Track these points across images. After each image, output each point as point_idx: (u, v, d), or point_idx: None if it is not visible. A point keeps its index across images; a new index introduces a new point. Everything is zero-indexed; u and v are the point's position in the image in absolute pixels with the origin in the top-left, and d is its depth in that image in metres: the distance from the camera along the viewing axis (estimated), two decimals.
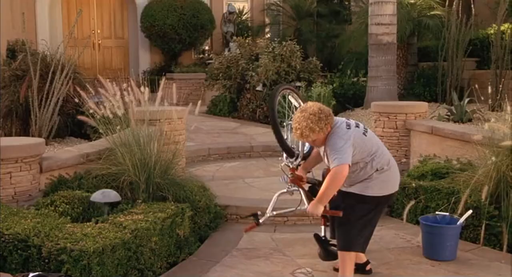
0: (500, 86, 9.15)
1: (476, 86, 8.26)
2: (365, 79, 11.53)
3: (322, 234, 4.34)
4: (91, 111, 5.32)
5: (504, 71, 9.55)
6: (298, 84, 11.06)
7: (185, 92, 11.91)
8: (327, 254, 4.28)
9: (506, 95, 8.21)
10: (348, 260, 4.04)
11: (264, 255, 4.83)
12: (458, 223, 4.71)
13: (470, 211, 4.75)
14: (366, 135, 4.04)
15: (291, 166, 4.52)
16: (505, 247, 4.72)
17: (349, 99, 11.56)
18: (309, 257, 4.74)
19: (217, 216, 5.58)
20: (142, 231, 4.23)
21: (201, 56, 16.28)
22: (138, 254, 4.20)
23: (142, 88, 5.43)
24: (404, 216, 5.34)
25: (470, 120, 8.63)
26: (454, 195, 5.15)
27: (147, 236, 4.28)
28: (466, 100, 9.11)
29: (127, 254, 4.09)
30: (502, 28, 10.16)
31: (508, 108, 5.18)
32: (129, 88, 5.40)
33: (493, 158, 4.91)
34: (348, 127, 3.97)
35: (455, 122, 8.62)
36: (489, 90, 7.30)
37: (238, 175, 7.46)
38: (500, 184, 4.91)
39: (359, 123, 4.14)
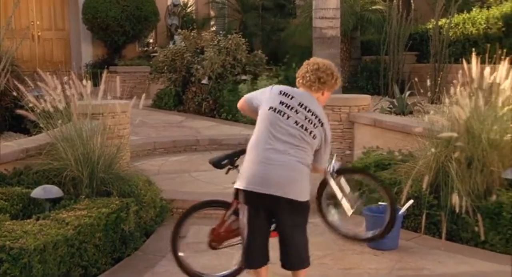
0: (439, 79, 9.44)
1: (416, 79, 8.48)
2: None
3: None
4: (30, 105, 5.15)
5: (442, 65, 9.87)
6: (243, 77, 11.08)
7: (129, 86, 11.78)
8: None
9: (444, 88, 8.46)
10: None
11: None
12: (400, 213, 4.83)
13: (411, 201, 4.88)
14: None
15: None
16: (444, 235, 4.87)
17: None
18: None
19: (163, 210, 5.53)
20: (86, 227, 4.15)
21: (145, 49, 16.04)
22: (82, 251, 4.12)
23: (84, 82, 5.31)
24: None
25: (411, 113, 8.88)
26: (396, 185, 5.28)
27: (90, 232, 4.20)
28: (407, 93, 9.37)
29: (70, 251, 4.00)
30: (440, 23, 10.49)
31: (446, 100, 5.34)
32: (71, 82, 5.26)
33: (433, 149, 5.07)
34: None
35: (397, 114, 8.85)
36: (428, 83, 7.48)
37: (184, 168, 7.41)
38: (439, 174, 5.07)
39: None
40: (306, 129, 3.47)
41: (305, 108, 3.51)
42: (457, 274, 4.26)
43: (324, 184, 4.13)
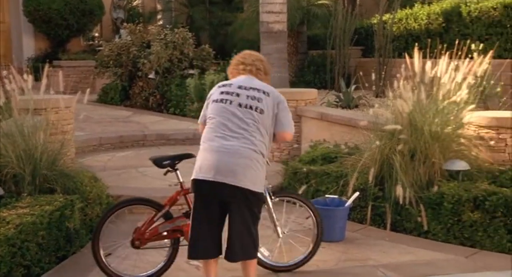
0: (383, 73, 9.62)
1: (362, 73, 8.61)
2: None
3: None
4: None
5: (386, 59, 10.07)
6: (191, 71, 11.01)
7: (73, 80, 11.47)
8: None
9: (388, 82, 8.64)
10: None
11: (159, 245, 4.76)
12: (346, 205, 4.92)
13: (357, 193, 4.97)
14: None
15: None
16: (388, 226, 5.00)
17: None
18: None
19: (109, 207, 5.43)
20: (28, 226, 4.03)
21: (90, 43, 15.72)
22: (24, 250, 4.00)
23: (25, 76, 5.14)
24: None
25: (357, 106, 9.03)
26: (343, 178, 5.37)
27: (33, 231, 4.08)
28: (353, 87, 9.52)
29: (11, 251, 3.87)
30: (384, 18, 10.69)
31: (390, 94, 5.46)
32: (11, 76, 5.09)
33: (377, 142, 5.17)
34: None
35: (343, 108, 8.97)
36: (373, 77, 7.65)
37: (131, 164, 7.30)
38: (383, 166, 5.18)
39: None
40: (251, 107, 3.47)
41: (245, 88, 3.55)
42: (401, 264, 4.36)
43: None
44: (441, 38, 9.49)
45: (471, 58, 6.26)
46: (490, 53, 6.12)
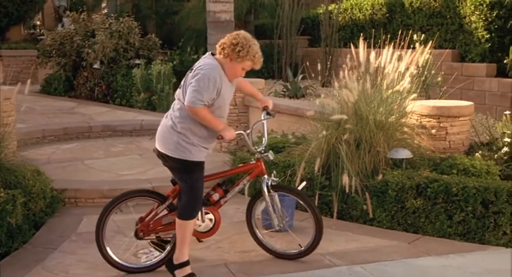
0: (329, 63, 9.73)
1: (308, 63, 8.69)
2: None
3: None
4: None
5: (332, 49, 10.18)
6: (137, 61, 10.84)
7: (14, 70, 11.13)
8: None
9: (334, 71, 8.77)
10: (192, 227, 3.91)
11: (106, 238, 4.69)
12: None
13: (304, 183, 4.99)
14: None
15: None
16: (335, 214, 5.07)
17: None
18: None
19: (54, 201, 5.32)
20: None
21: (31, 31, 15.25)
22: None
23: None
24: (246, 191, 5.49)
25: (304, 96, 9.11)
26: (290, 168, 5.41)
27: None
28: (300, 76, 9.59)
29: None
30: (330, 8, 10.79)
31: (336, 84, 5.52)
32: None
33: (324, 132, 5.23)
34: None
35: (290, 97, 9.05)
36: (319, 67, 7.72)
37: (76, 156, 7.15)
38: (330, 155, 5.24)
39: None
40: (180, 87, 3.85)
41: (191, 69, 3.81)
42: (347, 251, 4.45)
43: (257, 197, 4.35)
44: (385, 28, 9.67)
45: (414, 48, 6.41)
46: (431, 44, 6.28)
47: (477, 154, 5.46)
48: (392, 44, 5.66)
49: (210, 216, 4.12)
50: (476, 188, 4.57)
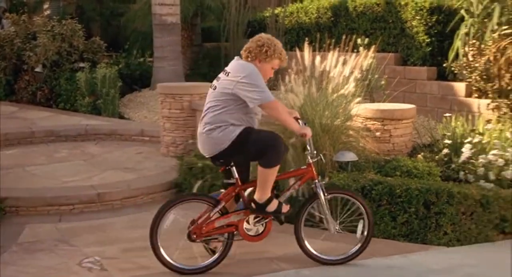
0: None
1: None
2: (151, 59, 11.49)
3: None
4: None
5: None
6: (81, 65, 10.61)
7: None
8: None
9: (281, 75, 8.81)
10: (276, 171, 3.98)
11: (49, 248, 4.59)
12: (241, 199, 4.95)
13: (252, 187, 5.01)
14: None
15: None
16: (283, 218, 5.08)
17: (136, 80, 11.42)
18: (97, 245, 4.62)
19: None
20: None
21: None
22: None
23: None
24: None
25: None
26: None
27: None
28: None
29: None
30: (276, 11, 10.88)
31: (282, 88, 5.56)
32: None
33: None
34: None
35: None
36: None
37: (18, 163, 6.93)
38: None
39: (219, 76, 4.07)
40: (214, 88, 3.97)
41: (226, 73, 3.94)
42: (297, 254, 4.45)
43: (309, 202, 4.27)
44: (330, 31, 9.82)
45: (358, 51, 6.54)
46: (374, 48, 6.41)
47: (419, 156, 5.60)
48: (337, 48, 5.75)
49: (262, 221, 4.17)
50: (419, 190, 4.68)
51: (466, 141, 5.51)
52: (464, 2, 7.62)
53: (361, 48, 7.06)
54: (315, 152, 4.19)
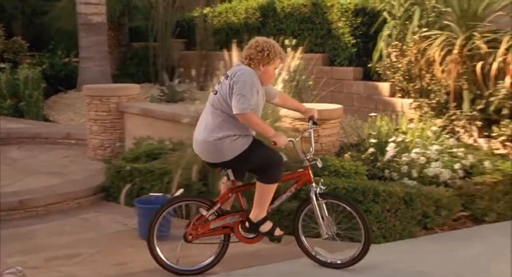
0: (205, 66, 9.77)
1: (185, 66, 8.66)
2: (77, 59, 11.19)
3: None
4: None
5: (208, 52, 10.23)
6: (2, 65, 10.20)
7: None
8: None
9: (211, 75, 8.80)
10: (274, 189, 4.00)
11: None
12: None
13: (181, 190, 4.97)
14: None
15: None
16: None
17: (61, 81, 11.09)
18: (20, 255, 4.46)
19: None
20: None
21: None
22: None
23: None
24: (122, 200, 5.38)
25: (182, 100, 9.06)
26: (167, 175, 5.35)
27: None
28: (177, 80, 9.53)
29: None
30: (205, 11, 10.84)
31: (211, 89, 5.52)
32: None
33: None
34: None
35: (167, 102, 8.95)
36: (197, 71, 7.72)
37: None
38: None
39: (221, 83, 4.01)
40: (214, 92, 3.96)
41: (226, 76, 3.92)
42: (227, 257, 4.44)
43: (304, 204, 4.26)
44: (259, 32, 9.88)
45: (286, 52, 6.61)
46: (301, 49, 6.51)
47: (346, 155, 5.72)
48: None
49: None
50: (346, 189, 4.78)
51: (390, 140, 5.68)
52: (387, 4, 7.85)
53: (289, 49, 7.13)
54: (311, 157, 4.19)
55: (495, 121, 6.18)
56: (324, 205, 4.16)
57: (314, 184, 4.15)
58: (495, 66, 6.05)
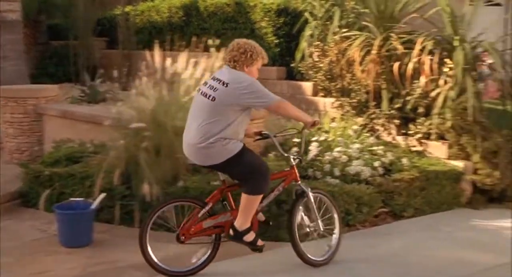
0: (128, 66, 9.58)
1: (107, 65, 8.45)
2: None
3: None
4: None
5: (131, 52, 10.03)
6: None
7: None
8: None
9: (134, 75, 8.62)
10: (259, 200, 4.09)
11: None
12: (92, 207, 4.78)
13: (103, 194, 4.87)
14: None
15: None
16: (137, 223, 5.00)
17: None
18: None
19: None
20: None
21: None
22: None
23: None
24: (41, 206, 5.21)
25: (104, 100, 8.83)
26: (89, 179, 5.22)
27: None
28: (99, 80, 9.27)
29: None
30: (127, 9, 10.63)
31: (133, 91, 5.44)
32: None
33: (122, 141, 5.12)
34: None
35: (89, 103, 8.69)
36: (119, 70, 7.54)
37: None
38: (130, 164, 5.14)
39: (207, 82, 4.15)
40: (207, 96, 4.00)
41: (214, 78, 4.07)
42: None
43: (298, 202, 4.35)
44: (182, 31, 9.80)
45: (209, 52, 6.58)
46: (225, 48, 6.48)
47: (270, 154, 5.78)
48: (189, 48, 5.75)
49: None
50: (270, 189, 4.81)
51: (313, 139, 5.78)
52: (308, 5, 7.99)
53: (212, 49, 7.10)
54: (296, 155, 4.42)
55: (412, 119, 6.43)
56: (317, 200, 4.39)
57: (300, 182, 4.36)
58: (410, 66, 6.29)
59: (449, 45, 6.39)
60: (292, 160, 4.39)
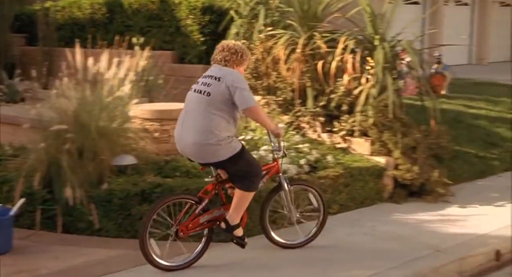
0: (48, 64, 9.27)
1: (27, 63, 8.15)
2: None
3: None
4: None
5: (52, 49, 9.72)
6: None
7: None
8: None
9: (55, 73, 8.36)
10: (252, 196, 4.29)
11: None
12: (10, 213, 4.61)
13: (23, 199, 4.71)
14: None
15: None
16: (60, 228, 4.87)
17: None
18: None
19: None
20: None
21: None
22: None
23: None
24: None
25: (23, 100, 8.52)
26: (8, 183, 5.04)
27: None
28: (18, 78, 8.93)
29: None
30: (47, 5, 10.29)
31: (54, 92, 5.28)
32: None
33: (42, 144, 4.96)
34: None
35: (7, 102, 8.37)
36: (39, 68, 7.29)
37: None
38: (51, 167, 4.99)
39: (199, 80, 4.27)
40: (200, 92, 4.15)
41: (205, 76, 4.21)
42: (74, 267, 4.29)
43: (273, 192, 4.67)
44: (106, 28, 9.58)
45: (133, 51, 6.49)
46: (148, 49, 6.42)
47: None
48: (113, 46, 5.64)
49: None
50: (197, 190, 4.76)
51: (240, 138, 5.80)
52: (233, 3, 8.00)
53: (136, 48, 6.99)
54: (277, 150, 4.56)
55: (336, 116, 6.57)
56: (292, 192, 4.67)
57: (281, 174, 4.61)
58: (334, 64, 6.43)
59: (370, 44, 6.58)
60: (275, 154, 4.60)
